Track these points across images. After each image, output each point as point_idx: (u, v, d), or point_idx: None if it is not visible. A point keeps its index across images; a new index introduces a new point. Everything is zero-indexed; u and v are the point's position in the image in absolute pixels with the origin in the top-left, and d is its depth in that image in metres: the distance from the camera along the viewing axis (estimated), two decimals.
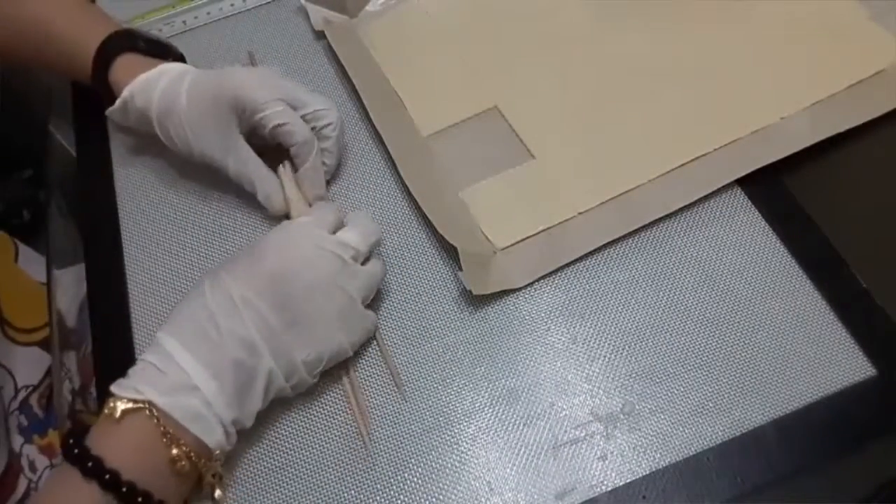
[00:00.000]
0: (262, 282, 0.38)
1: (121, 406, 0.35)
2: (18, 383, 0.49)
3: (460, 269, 0.43)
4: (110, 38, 0.48)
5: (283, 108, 0.45)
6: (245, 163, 0.46)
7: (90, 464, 0.34)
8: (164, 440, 0.35)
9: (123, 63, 0.48)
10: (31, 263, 0.54)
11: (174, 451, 0.35)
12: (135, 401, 0.35)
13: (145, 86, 0.47)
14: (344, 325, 0.40)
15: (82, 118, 0.56)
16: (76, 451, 0.35)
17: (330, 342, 0.39)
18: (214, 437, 0.36)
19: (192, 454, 0.36)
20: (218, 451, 0.37)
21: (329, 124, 0.47)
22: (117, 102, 0.47)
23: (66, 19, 0.49)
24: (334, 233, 0.42)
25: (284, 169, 0.47)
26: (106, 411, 0.35)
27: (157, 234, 0.49)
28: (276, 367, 0.38)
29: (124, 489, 0.34)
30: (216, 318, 0.37)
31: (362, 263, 0.42)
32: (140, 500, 0.34)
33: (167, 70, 0.47)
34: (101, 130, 0.54)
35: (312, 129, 0.46)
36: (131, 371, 0.37)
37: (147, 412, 0.35)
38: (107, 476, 0.34)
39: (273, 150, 0.47)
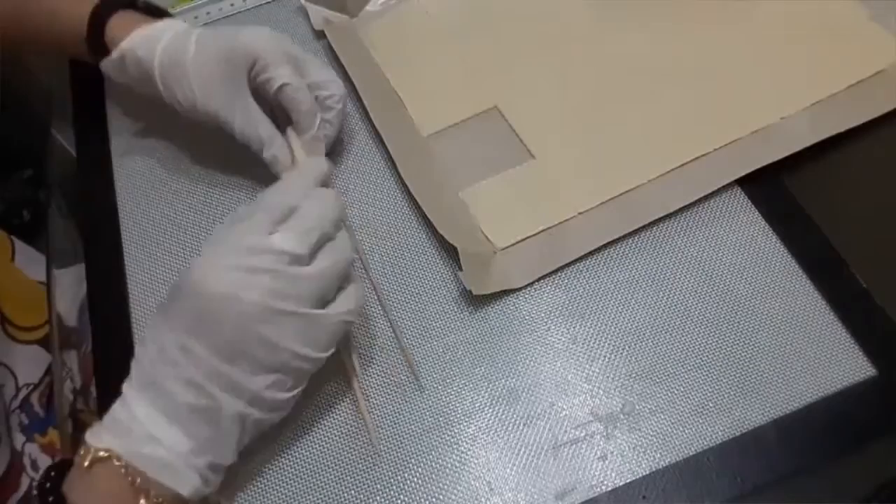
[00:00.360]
0: (189, 323, 0.35)
1: (90, 455, 0.34)
2: (19, 381, 0.49)
3: (460, 269, 0.43)
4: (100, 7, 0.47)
5: (293, 71, 0.44)
6: (253, 120, 0.44)
7: None
8: (133, 491, 0.34)
9: (121, 19, 0.46)
10: (29, 262, 0.54)
11: (142, 501, 0.34)
12: (102, 450, 0.34)
13: (147, 39, 0.45)
14: (299, 338, 0.36)
15: (82, 118, 0.56)
16: (51, 498, 0.35)
17: (287, 362, 0.36)
18: (188, 485, 0.35)
19: (163, 502, 0.34)
20: (195, 498, 0.35)
21: (333, 95, 0.46)
22: (114, 53, 0.46)
23: None
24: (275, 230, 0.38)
25: (291, 132, 0.46)
26: (77, 459, 0.35)
27: (157, 234, 0.49)
28: (235, 403, 0.35)
29: None
30: (157, 367, 0.35)
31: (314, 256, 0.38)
32: None
33: (172, 25, 0.46)
34: (101, 130, 0.54)
35: (316, 98, 0.46)
36: (105, 419, 0.36)
37: (115, 462, 0.34)
38: None
39: (273, 117, 0.47)
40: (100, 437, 0.35)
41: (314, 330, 0.37)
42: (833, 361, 0.40)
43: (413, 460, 0.40)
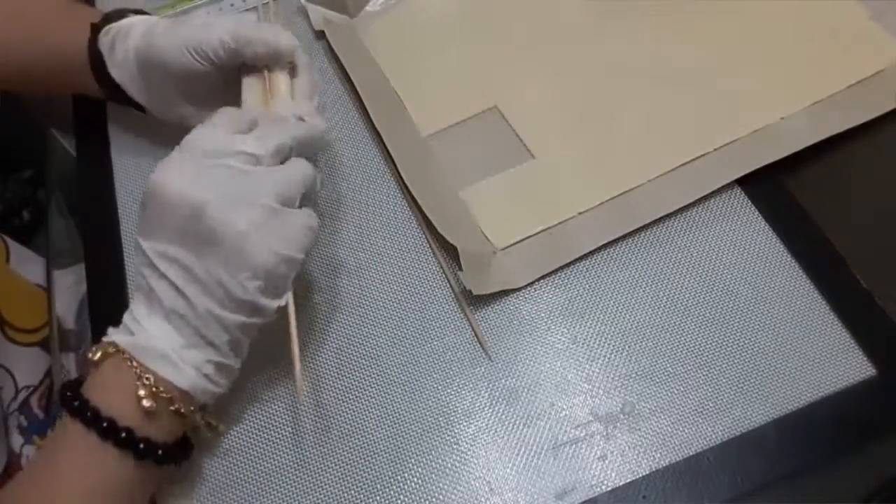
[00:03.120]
0: (155, 222, 0.36)
1: (100, 351, 0.37)
2: (19, 384, 0.49)
3: (460, 269, 0.43)
4: (104, 17, 0.47)
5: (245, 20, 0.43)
6: (250, 21, 0.43)
7: (76, 403, 0.35)
8: (136, 381, 0.36)
9: None
10: (25, 264, 0.54)
11: (140, 391, 0.35)
12: (110, 345, 0.37)
13: (141, 20, 0.46)
14: (265, 233, 0.36)
15: (82, 118, 0.56)
16: (68, 392, 0.36)
17: (260, 257, 0.35)
18: (184, 378, 0.36)
19: (162, 392, 0.36)
20: (198, 392, 0.37)
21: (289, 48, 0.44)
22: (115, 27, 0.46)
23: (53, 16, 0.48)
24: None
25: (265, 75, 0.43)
26: (89, 357, 0.37)
27: None
28: (211, 299, 0.36)
29: (104, 425, 0.35)
30: (142, 272, 0.37)
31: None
32: (123, 435, 0.35)
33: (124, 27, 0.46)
34: (101, 130, 0.54)
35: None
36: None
37: (121, 355, 0.36)
38: (88, 413, 0.35)
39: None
40: (108, 335, 0.37)
41: (279, 225, 0.36)
42: (833, 361, 0.40)
43: (413, 460, 0.40)
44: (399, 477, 0.40)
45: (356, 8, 0.57)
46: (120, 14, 0.47)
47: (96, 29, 0.46)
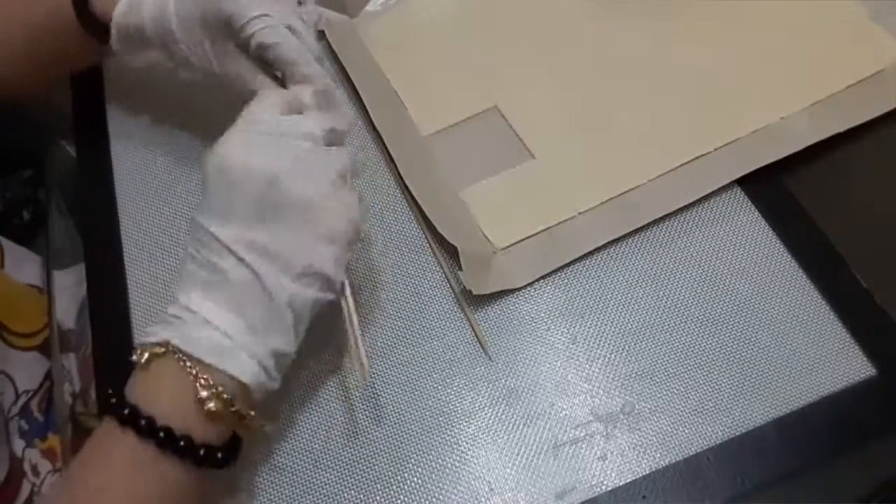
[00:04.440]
0: (224, 197, 0.35)
1: (146, 353, 0.34)
2: (19, 388, 0.49)
3: (460, 268, 0.43)
4: None
5: (274, 26, 0.40)
6: (238, 69, 0.42)
7: (126, 412, 0.33)
8: (191, 381, 0.34)
9: None
10: (22, 264, 0.53)
11: (202, 392, 0.34)
12: (157, 345, 0.34)
13: (131, 7, 0.44)
14: (334, 202, 0.36)
15: (82, 118, 0.56)
16: (113, 399, 0.34)
17: (337, 224, 0.36)
18: (246, 370, 0.34)
19: (222, 391, 0.34)
20: (256, 387, 0.35)
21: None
22: (113, 34, 0.44)
23: None
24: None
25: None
26: (134, 359, 0.35)
27: (157, 234, 0.49)
28: (284, 274, 0.35)
29: (161, 434, 0.33)
30: (202, 255, 0.35)
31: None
32: (181, 443, 0.33)
33: None
34: (101, 130, 0.54)
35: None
36: (154, 323, 0.36)
37: (172, 356, 0.34)
38: (142, 422, 0.33)
39: None
40: (153, 334, 0.35)
41: (345, 199, 0.37)
42: (833, 361, 0.40)
43: (413, 460, 0.40)
44: (399, 477, 0.40)
45: (356, 8, 0.57)
46: None
47: None
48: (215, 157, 0.36)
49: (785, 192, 0.46)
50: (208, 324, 0.34)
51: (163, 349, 0.34)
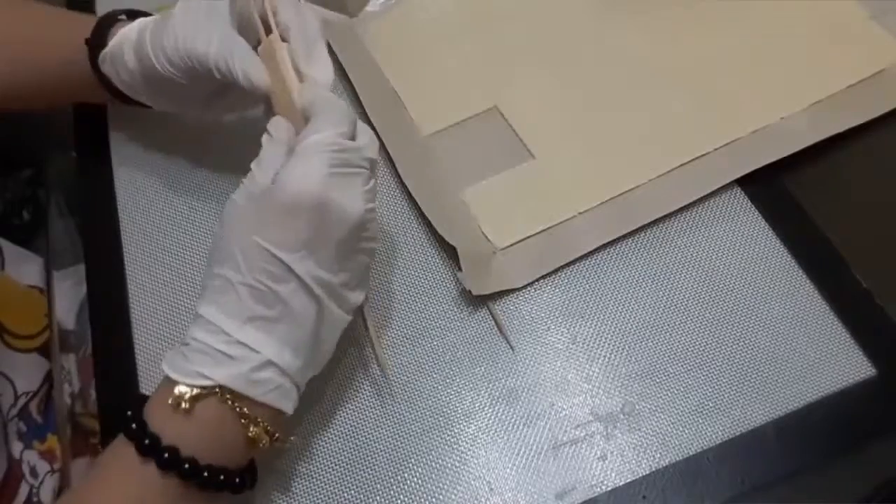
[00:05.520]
0: (305, 234, 0.34)
1: (188, 393, 0.33)
2: (18, 390, 0.49)
3: (459, 269, 0.43)
4: (102, 18, 0.45)
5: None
6: (227, 46, 0.39)
7: (166, 455, 0.32)
8: (242, 422, 0.34)
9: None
10: (22, 265, 0.53)
11: (253, 431, 0.34)
12: (203, 387, 0.33)
13: (130, 30, 0.44)
14: (367, 234, 0.37)
15: (82, 118, 0.56)
16: (146, 441, 0.33)
17: (369, 256, 0.38)
18: (291, 402, 0.35)
19: (269, 427, 0.34)
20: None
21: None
22: (110, 44, 0.44)
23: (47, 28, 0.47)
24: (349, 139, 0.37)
25: (271, 41, 0.40)
26: (171, 401, 0.33)
27: (157, 234, 0.49)
28: (341, 310, 0.37)
29: (205, 473, 0.33)
30: (269, 285, 0.34)
31: None
32: (222, 477, 0.33)
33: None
34: (101, 130, 0.54)
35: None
36: (187, 351, 0.34)
37: (219, 396, 0.33)
38: (186, 465, 0.32)
39: None
40: (197, 373, 0.33)
41: (372, 226, 0.37)
42: (833, 361, 0.40)
43: (413, 460, 0.40)
44: (399, 477, 0.40)
45: (356, 8, 0.57)
46: (110, 23, 0.45)
47: (94, 49, 0.45)
48: (297, 189, 0.34)
49: (785, 192, 0.46)
50: (271, 364, 0.34)
51: (207, 391, 0.33)
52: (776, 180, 0.46)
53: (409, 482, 0.40)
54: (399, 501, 0.39)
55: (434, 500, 0.39)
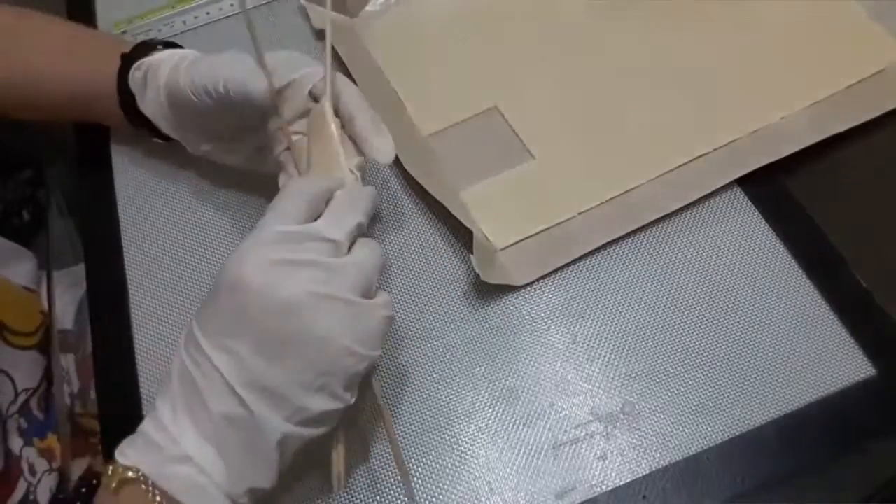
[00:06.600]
0: (229, 322, 0.33)
1: (117, 477, 0.32)
2: (18, 387, 0.49)
3: (472, 253, 0.43)
4: (141, 43, 0.47)
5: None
6: (240, 65, 0.41)
7: None
8: None
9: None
10: (15, 264, 0.53)
11: None
12: (130, 470, 0.32)
13: (173, 54, 0.45)
14: (347, 330, 0.33)
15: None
16: None
17: (334, 358, 0.33)
18: None
19: None
20: None
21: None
22: (148, 60, 0.45)
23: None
24: (312, 220, 0.35)
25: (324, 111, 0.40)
26: (104, 480, 0.33)
27: (157, 234, 0.49)
28: (277, 413, 0.32)
29: None
30: (193, 376, 0.33)
31: (353, 244, 0.36)
32: None
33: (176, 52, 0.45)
34: (101, 130, 0.54)
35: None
36: (131, 438, 0.34)
37: (143, 485, 0.32)
38: None
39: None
40: (126, 455, 0.33)
41: (362, 321, 0.34)
42: (833, 361, 0.40)
43: (413, 460, 0.40)
44: (399, 477, 0.40)
45: (356, 8, 0.57)
46: (150, 47, 0.46)
47: (126, 64, 0.46)
48: (231, 270, 0.33)
49: (785, 192, 0.46)
50: (189, 459, 0.32)
51: (133, 475, 0.32)
52: (776, 180, 0.46)
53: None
54: (399, 501, 0.39)
55: (434, 500, 0.39)
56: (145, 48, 0.46)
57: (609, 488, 0.38)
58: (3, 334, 0.48)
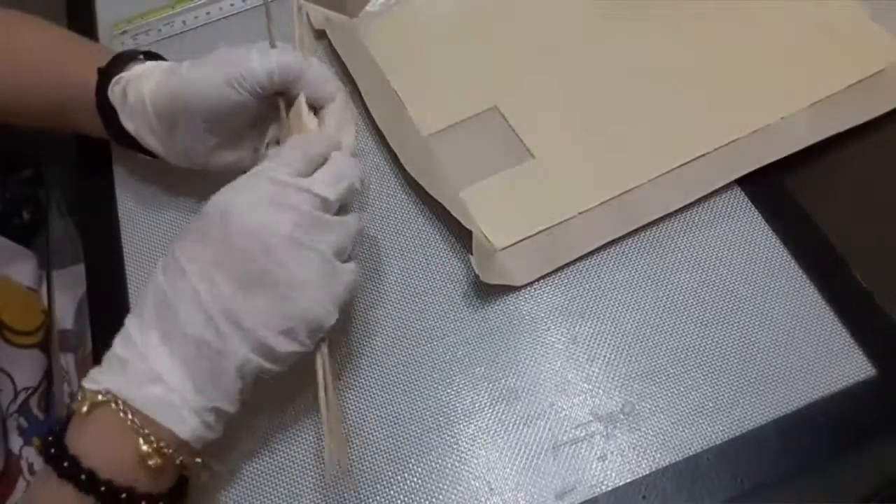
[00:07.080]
0: (213, 249, 0.34)
1: (87, 402, 0.33)
2: (18, 386, 0.49)
3: (471, 253, 0.43)
4: (121, 53, 0.46)
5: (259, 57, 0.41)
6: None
7: (66, 464, 0.32)
8: (133, 434, 0.33)
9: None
10: (15, 263, 0.53)
11: (144, 447, 0.33)
12: (100, 393, 0.33)
13: (157, 65, 0.45)
14: (318, 285, 0.35)
15: None
16: (52, 450, 0.33)
17: (304, 306, 0.35)
18: (187, 427, 0.34)
19: (165, 447, 0.33)
20: (195, 440, 0.34)
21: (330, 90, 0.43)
22: (128, 72, 0.45)
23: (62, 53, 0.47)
24: (306, 176, 0.37)
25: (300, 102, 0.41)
26: (75, 407, 0.34)
27: (157, 234, 0.49)
28: (244, 343, 0.34)
29: (102, 489, 0.32)
30: (170, 297, 0.34)
31: (337, 213, 0.38)
32: (124, 496, 0.33)
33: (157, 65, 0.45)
34: None
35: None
36: (98, 367, 0.35)
37: (113, 405, 0.33)
38: (83, 476, 0.32)
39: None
40: (96, 380, 0.34)
41: (334, 279, 0.36)
42: (833, 361, 0.40)
43: (413, 460, 0.40)
44: (399, 477, 0.40)
45: (356, 8, 0.57)
46: (128, 58, 0.45)
47: (104, 76, 0.45)
48: (220, 201, 0.35)
49: (785, 192, 0.46)
50: (156, 375, 0.34)
51: (104, 398, 0.33)
52: (776, 180, 0.46)
53: (409, 482, 0.40)
54: (399, 501, 0.39)
55: (434, 500, 0.39)
56: (123, 60, 0.45)
57: (609, 488, 0.38)
58: (4, 333, 0.48)
